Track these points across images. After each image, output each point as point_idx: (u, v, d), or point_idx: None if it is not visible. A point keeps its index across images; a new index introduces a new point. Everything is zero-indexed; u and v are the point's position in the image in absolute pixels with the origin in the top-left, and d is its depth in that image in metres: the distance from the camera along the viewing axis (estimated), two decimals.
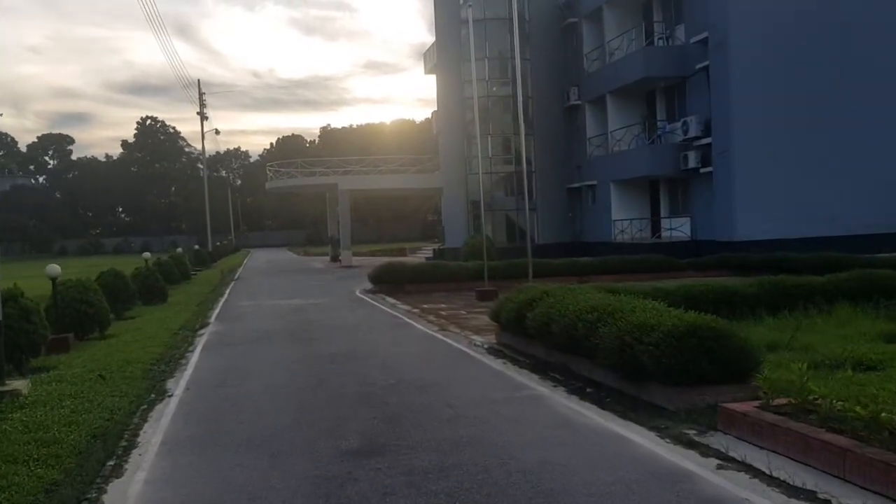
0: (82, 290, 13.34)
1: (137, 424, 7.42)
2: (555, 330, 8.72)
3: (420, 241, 65.79)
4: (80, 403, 7.93)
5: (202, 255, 44.63)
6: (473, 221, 35.81)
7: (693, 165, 27.68)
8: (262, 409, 7.69)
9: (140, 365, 10.39)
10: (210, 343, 12.83)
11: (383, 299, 19.63)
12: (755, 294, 11.54)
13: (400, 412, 7.19)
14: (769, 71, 25.76)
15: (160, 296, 20.64)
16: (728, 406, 6.17)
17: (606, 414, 6.92)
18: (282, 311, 17.65)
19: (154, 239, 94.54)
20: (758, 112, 25.74)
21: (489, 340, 11.58)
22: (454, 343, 11.63)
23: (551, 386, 8.19)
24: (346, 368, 9.71)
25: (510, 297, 10.95)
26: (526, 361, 9.64)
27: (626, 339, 7.25)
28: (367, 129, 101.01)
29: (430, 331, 13.21)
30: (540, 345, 9.60)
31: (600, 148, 33.55)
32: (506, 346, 10.85)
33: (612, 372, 7.70)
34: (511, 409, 7.19)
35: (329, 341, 12.30)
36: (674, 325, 7.00)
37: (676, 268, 23.38)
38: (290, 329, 14.18)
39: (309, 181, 40.27)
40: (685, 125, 28.01)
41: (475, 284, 21.00)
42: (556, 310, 8.89)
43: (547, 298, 9.67)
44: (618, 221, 31.74)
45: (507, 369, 9.26)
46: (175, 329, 14.71)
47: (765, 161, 25.72)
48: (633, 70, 29.71)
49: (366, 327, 14.02)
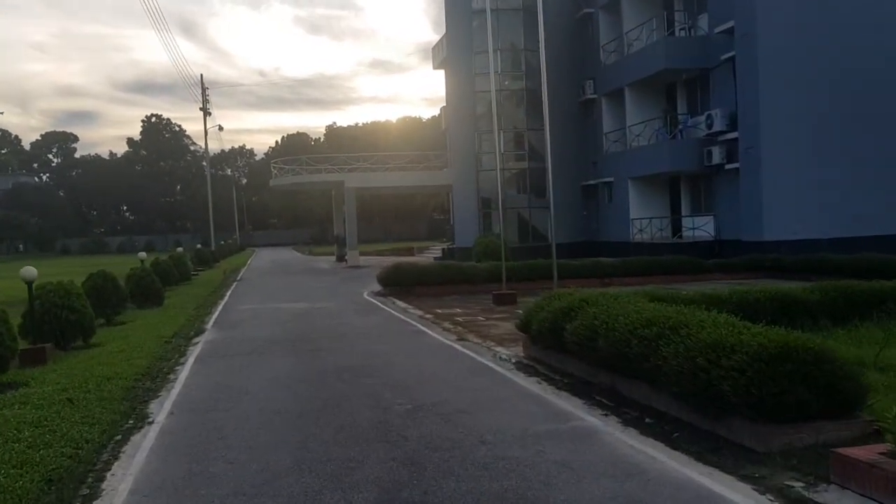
0: (64, 295, 12.09)
1: (106, 463, 6.13)
2: (602, 346, 7.41)
3: (426, 241, 64.51)
4: (41, 434, 6.68)
5: (204, 255, 43.42)
6: (484, 220, 34.54)
7: (718, 161, 26.32)
8: (257, 443, 6.40)
9: (122, 381, 9.13)
10: (204, 354, 11.56)
11: (393, 303, 18.35)
12: (818, 301, 10.19)
13: (423, 451, 5.89)
14: (799, 62, 24.37)
15: (156, 299, 19.40)
16: (845, 453, 4.84)
17: (680, 456, 5.60)
18: (285, 316, 16.37)
19: (158, 237, 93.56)
20: (787, 106, 24.35)
21: (516, 353, 10.28)
22: (476, 356, 10.31)
23: (601, 415, 6.87)
24: (355, 388, 8.41)
25: (541, 304, 9.64)
26: (563, 381, 8.33)
27: (699, 361, 5.93)
28: (373, 126, 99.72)
29: (448, 340, 11.90)
30: (580, 361, 8.30)
31: (617, 143, 32.19)
32: (537, 361, 9.54)
33: (678, 401, 6.39)
34: (560, 448, 5.87)
35: (336, 352, 11.00)
36: (760, 345, 5.70)
37: (703, 270, 22.05)
38: (293, 337, 12.89)
39: (314, 178, 39.00)
40: (709, 119, 26.63)
41: (490, 287, 19.72)
42: (603, 322, 7.57)
43: (587, 307, 8.36)
44: (636, 220, 30.38)
45: (544, 391, 7.95)
46: (167, 337, 13.47)
47: (794, 157, 24.35)
48: (653, 61, 28.35)
49: (376, 336, 12.71)
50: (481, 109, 34.19)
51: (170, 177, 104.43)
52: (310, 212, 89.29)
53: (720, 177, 26.98)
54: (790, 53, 24.34)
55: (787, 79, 24.28)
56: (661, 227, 29.57)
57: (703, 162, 27.02)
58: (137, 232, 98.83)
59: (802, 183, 24.24)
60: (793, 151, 24.34)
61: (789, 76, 24.28)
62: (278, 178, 40.98)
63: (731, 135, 25.87)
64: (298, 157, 42.24)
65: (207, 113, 49.23)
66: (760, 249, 23.83)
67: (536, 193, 34.33)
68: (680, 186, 29.94)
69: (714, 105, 27.02)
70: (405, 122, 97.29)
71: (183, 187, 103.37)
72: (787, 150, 24.33)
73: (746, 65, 24.93)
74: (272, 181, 42.05)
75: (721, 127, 26.12)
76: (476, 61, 33.52)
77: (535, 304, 9.81)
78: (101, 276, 15.65)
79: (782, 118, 24.38)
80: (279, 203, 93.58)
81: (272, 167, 43.10)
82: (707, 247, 26.68)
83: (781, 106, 24.35)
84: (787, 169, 24.34)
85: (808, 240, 23.48)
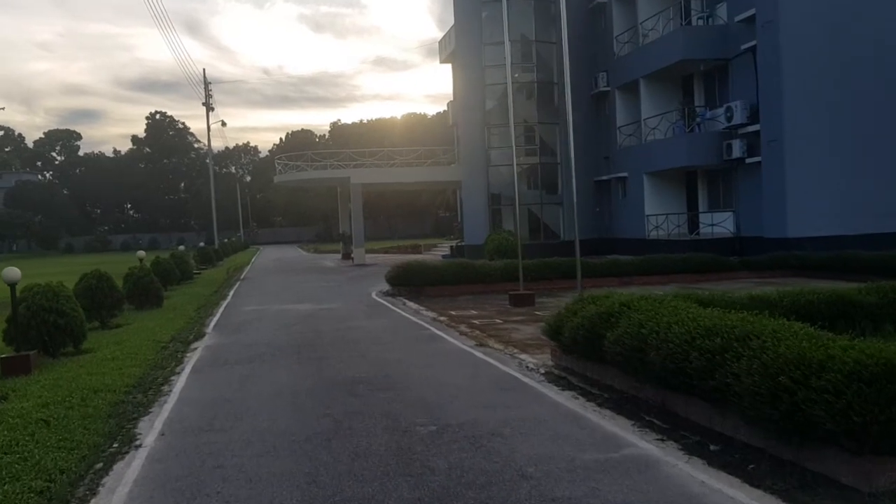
0: (52, 298, 11.18)
1: (81, 501, 5.24)
2: (654, 359, 6.47)
3: (432, 238, 63.58)
4: (9, 464, 5.78)
5: (208, 253, 42.52)
6: (493, 216, 33.58)
7: (738, 155, 25.32)
8: (259, 474, 5.49)
9: (110, 395, 8.25)
10: (202, 362, 10.66)
11: (404, 304, 17.42)
12: (876, 304, 9.22)
13: (454, 488, 4.96)
14: (824, 52, 23.36)
15: (155, 299, 18.52)
16: None
17: (764, 496, 4.67)
18: (290, 318, 15.46)
19: (163, 236, 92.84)
20: (811, 97, 23.36)
21: (543, 362, 9.34)
22: (500, 365, 9.38)
23: (656, 439, 5.93)
24: (369, 404, 7.49)
25: (573, 307, 8.69)
26: (603, 396, 7.39)
27: (781, 380, 5.00)
28: (377, 123, 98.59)
29: (466, 346, 10.98)
30: (623, 374, 7.36)
31: (632, 137, 31.18)
32: (569, 372, 8.60)
33: (750, 425, 5.46)
34: (618, 484, 4.94)
35: (346, 361, 10.08)
36: (856, 361, 4.77)
37: (727, 268, 21.08)
38: (298, 343, 11.98)
39: (320, 174, 38.05)
40: (729, 111, 25.63)
41: (505, 286, 18.82)
42: (653, 331, 6.63)
43: (629, 313, 7.42)
44: (651, 217, 29.38)
45: (584, 408, 7.00)
46: (165, 342, 12.59)
47: (819, 150, 23.35)
48: (671, 52, 27.33)
49: (388, 341, 11.78)
50: (491, 103, 33.21)
51: (174, 174, 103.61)
52: (314, 210, 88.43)
53: (740, 171, 25.99)
54: (814, 42, 23.34)
55: (812, 69, 23.29)
56: (679, 224, 28.56)
57: (722, 156, 26.02)
58: (142, 230, 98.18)
59: (827, 177, 23.26)
60: (817, 144, 23.35)
61: (813, 66, 23.29)
62: (282, 175, 40.07)
63: (753, 127, 24.88)
64: (303, 153, 41.30)
65: (210, 108, 48.31)
66: (784, 246, 22.85)
67: (547, 189, 33.38)
68: (697, 181, 28.95)
69: (733, 97, 26.03)
70: (410, 119, 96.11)
71: (187, 185, 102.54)
72: (811, 143, 23.34)
73: (769, 54, 23.93)
74: (276, 178, 41.15)
75: (742, 119, 25.12)
76: (486, 53, 32.54)
77: (566, 308, 8.86)
78: (94, 276, 14.76)
79: (806, 110, 23.39)
80: (284, 201, 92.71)
81: (276, 163, 42.17)
82: (726, 244, 25.71)
83: (805, 97, 23.36)
84: (812, 162, 23.36)
85: (833, 236, 22.49)
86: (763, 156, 24.40)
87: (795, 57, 23.34)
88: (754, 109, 24.92)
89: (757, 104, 24.75)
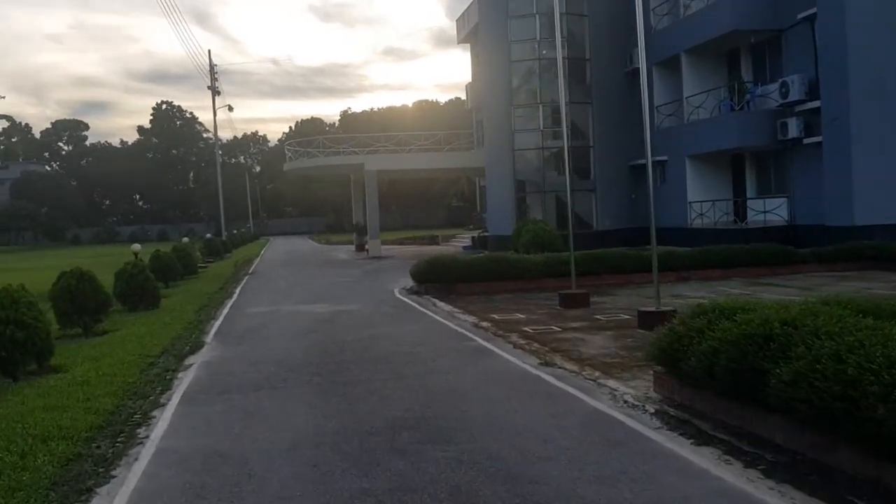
0: (9, 306, 8.96)
1: None
2: (873, 415, 4.15)
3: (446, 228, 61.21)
4: None
5: (215, 245, 40.42)
6: (518, 205, 31.22)
7: (794, 135, 22.85)
8: None
9: (63, 446, 6.01)
10: (196, 387, 8.42)
11: (434, 304, 15.14)
12: None
13: None
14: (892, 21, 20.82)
15: (150, 299, 16.33)
16: None
17: None
18: (303, 323, 13.21)
19: (171, 226, 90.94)
20: (879, 69, 20.84)
21: (644, 393, 7.01)
22: (586, 398, 7.04)
23: None
24: (424, 469, 5.20)
25: (695, 324, 6.31)
26: (766, 459, 5.07)
27: None
28: (389, 111, 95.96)
29: (528, 365, 8.68)
30: (795, 426, 5.04)
31: (672, 117, 28.71)
32: (693, 413, 6.24)
33: None
34: None
35: (379, 390, 7.78)
36: None
37: (795, 260, 18.75)
38: (316, 360, 9.72)
39: (332, 160, 35.75)
40: (784, 87, 23.11)
41: (547, 283, 16.59)
42: (864, 368, 4.31)
43: (804, 336, 5.09)
44: (695, 203, 26.95)
45: (752, 483, 4.67)
46: (154, 355, 10.37)
47: (889, 129, 20.88)
48: (718, 23, 24.80)
49: (427, 357, 9.47)
50: (517, 81, 30.80)
51: (182, 165, 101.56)
52: (325, 200, 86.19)
53: (797, 153, 23.52)
54: (883, 6, 20.82)
55: (881, 38, 20.76)
56: (726, 212, 26.12)
57: (776, 136, 23.56)
58: (150, 221, 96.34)
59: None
60: (887, 122, 20.87)
61: (883, 35, 20.77)
62: (293, 163, 37.82)
63: (812, 104, 22.38)
64: (314, 139, 39.02)
65: (217, 92, 46.08)
66: (850, 235, 20.43)
67: (579, 175, 30.93)
68: (744, 165, 26.48)
69: (787, 71, 23.51)
70: (422, 106, 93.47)
71: (196, 175, 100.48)
72: (880, 121, 20.87)
73: (831, 23, 21.39)
74: (286, 165, 38.91)
75: (799, 96, 22.62)
76: (512, 27, 30.10)
77: (681, 324, 6.51)
78: (75, 275, 12.56)
79: (874, 84, 20.88)
80: (294, 191, 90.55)
81: (286, 150, 39.92)
82: (780, 232, 23.31)
83: (873, 69, 20.84)
84: (881, 143, 20.90)
85: None
86: (824, 135, 21.92)
87: (862, 25, 20.82)
88: (813, 84, 22.43)
89: (816, 79, 22.26)
